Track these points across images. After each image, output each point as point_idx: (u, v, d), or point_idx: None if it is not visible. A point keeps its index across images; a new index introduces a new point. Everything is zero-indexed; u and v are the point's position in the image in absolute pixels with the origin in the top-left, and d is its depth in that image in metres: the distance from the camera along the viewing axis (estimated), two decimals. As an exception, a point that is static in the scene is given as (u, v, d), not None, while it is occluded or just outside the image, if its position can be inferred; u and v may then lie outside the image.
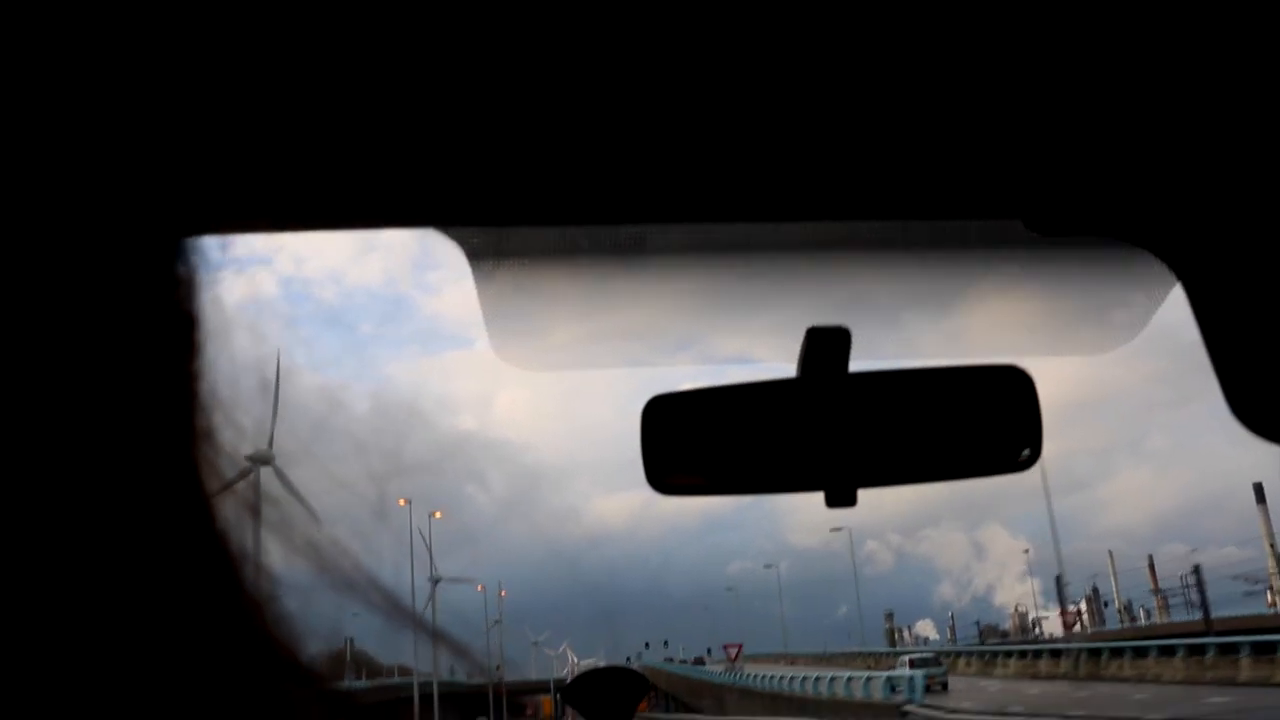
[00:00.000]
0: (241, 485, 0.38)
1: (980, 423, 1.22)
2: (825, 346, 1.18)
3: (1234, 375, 1.08)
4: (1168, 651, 27.52)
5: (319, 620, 0.38)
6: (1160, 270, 1.13)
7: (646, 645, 71.65)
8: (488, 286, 1.17)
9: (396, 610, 0.43)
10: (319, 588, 0.40)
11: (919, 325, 1.31)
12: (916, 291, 1.29)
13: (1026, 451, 1.21)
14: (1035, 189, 1.07)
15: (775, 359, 1.30)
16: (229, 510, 0.37)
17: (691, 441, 1.26)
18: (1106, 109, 0.94)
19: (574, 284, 1.22)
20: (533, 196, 1.03)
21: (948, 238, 1.21)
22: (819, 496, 1.25)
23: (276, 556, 0.38)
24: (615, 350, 1.32)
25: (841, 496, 1.23)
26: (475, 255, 1.15)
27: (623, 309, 1.29)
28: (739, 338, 1.36)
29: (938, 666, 35.24)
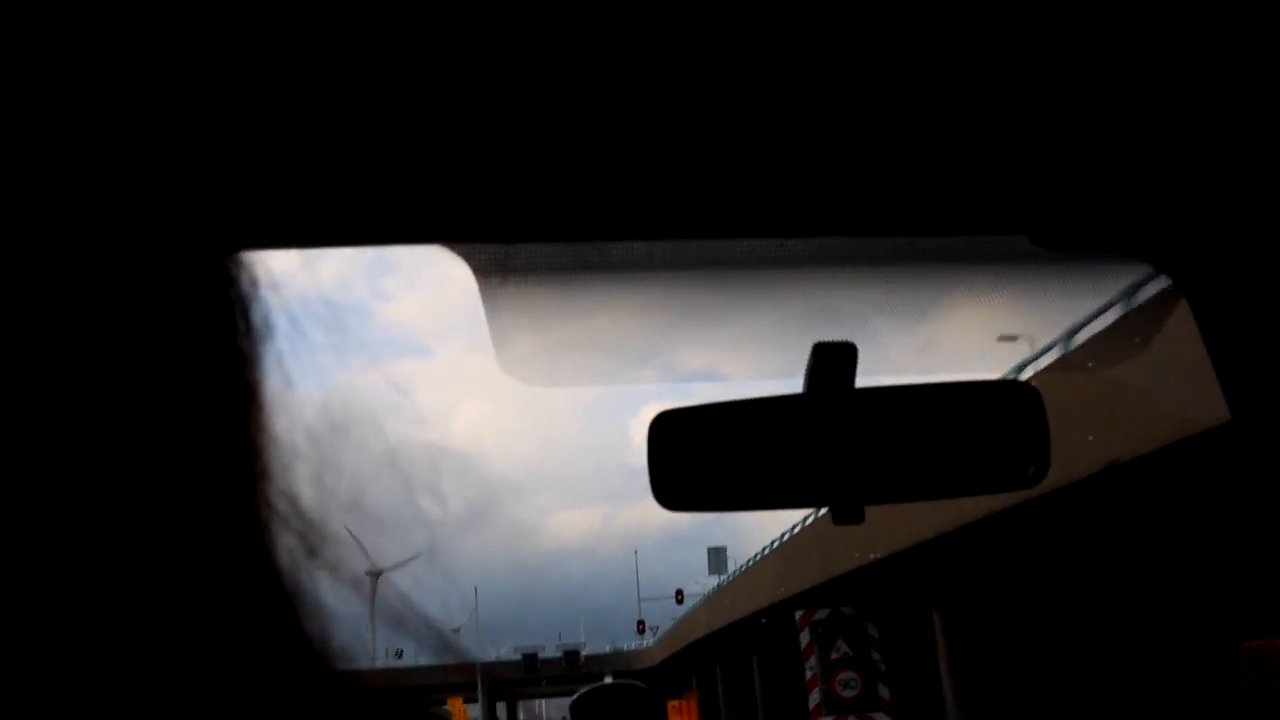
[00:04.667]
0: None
1: (987, 439, 1.23)
2: (832, 362, 1.18)
3: (1240, 394, 1.09)
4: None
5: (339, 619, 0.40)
6: (1166, 286, 1.14)
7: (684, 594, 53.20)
8: (494, 303, 1.16)
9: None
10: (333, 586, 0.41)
11: (926, 340, 1.32)
12: (920, 306, 1.29)
13: (1033, 468, 1.21)
14: (1041, 204, 1.07)
15: (777, 375, 1.30)
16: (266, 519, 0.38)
17: (699, 457, 1.25)
18: (1113, 123, 0.95)
19: (580, 300, 1.22)
20: (539, 213, 1.02)
21: (958, 253, 1.22)
22: (783, 514, 1.25)
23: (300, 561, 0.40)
24: (619, 366, 1.31)
25: (849, 513, 1.23)
26: (482, 271, 1.14)
27: (626, 324, 1.28)
28: (739, 352, 1.36)
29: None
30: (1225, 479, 7.42)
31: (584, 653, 49.58)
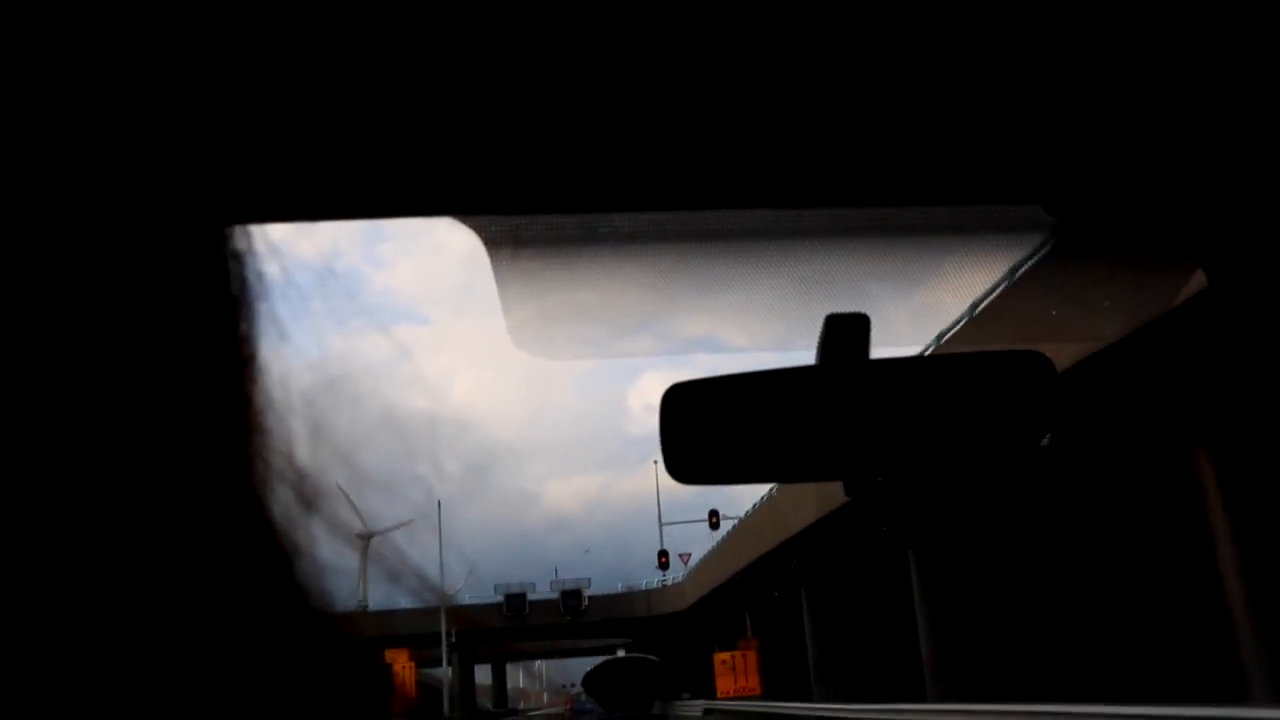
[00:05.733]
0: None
1: (1001, 408, 1.22)
2: (845, 334, 1.17)
3: (1258, 361, 1.09)
4: None
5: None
6: (1184, 254, 1.13)
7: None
8: (505, 275, 1.16)
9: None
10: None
11: (931, 310, 1.31)
12: (926, 275, 1.28)
13: (1047, 437, 1.21)
14: (1057, 173, 1.07)
15: (789, 348, 1.30)
16: (265, 475, 0.39)
17: (711, 429, 1.25)
18: (1129, 91, 0.94)
19: (591, 272, 1.22)
20: (551, 184, 1.03)
21: (966, 223, 1.21)
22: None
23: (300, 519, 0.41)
24: (628, 337, 1.32)
25: (861, 485, 1.23)
26: (493, 243, 1.14)
27: (635, 296, 1.28)
28: (742, 323, 1.36)
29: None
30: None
31: (588, 593, 35.68)
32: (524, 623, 33.67)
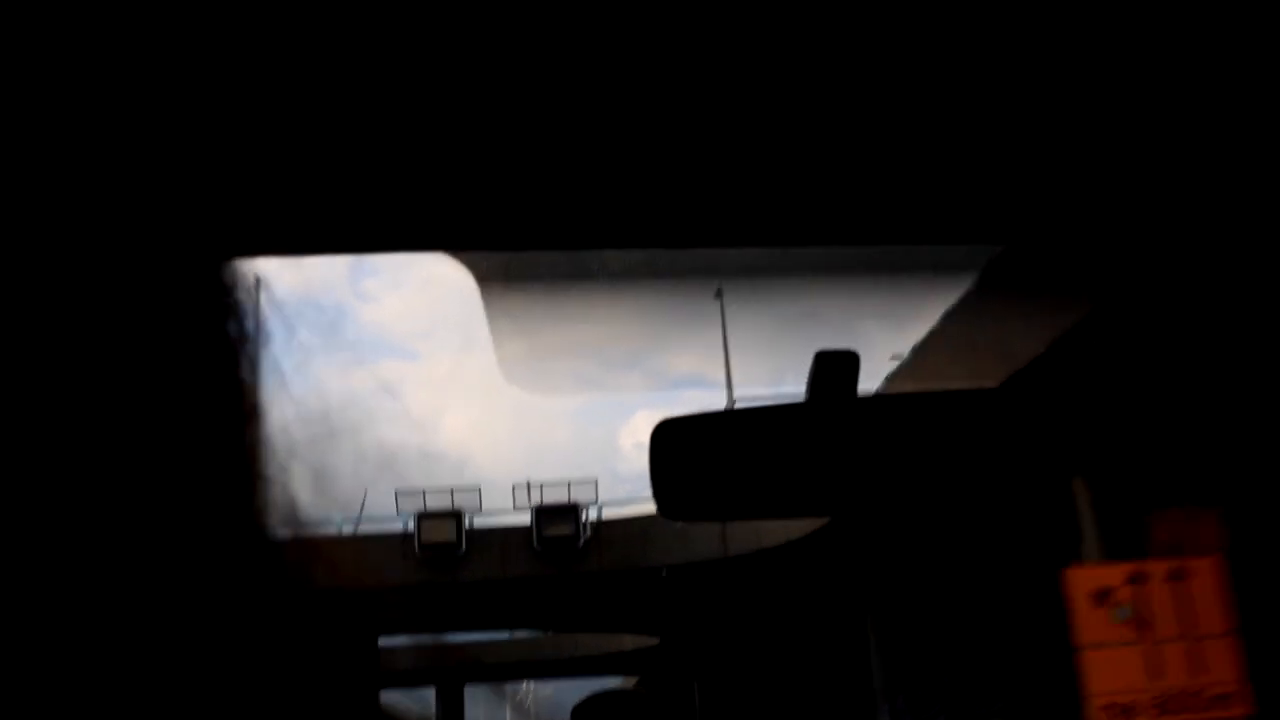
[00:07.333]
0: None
1: (990, 443, 1.23)
2: (834, 371, 1.18)
3: (1221, 381, 1.10)
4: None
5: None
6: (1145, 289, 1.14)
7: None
8: (496, 311, 1.17)
9: None
10: None
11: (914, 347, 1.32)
12: (910, 314, 1.29)
13: (1039, 467, 1.21)
14: (1022, 214, 1.08)
15: (778, 383, 1.30)
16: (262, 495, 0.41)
17: (701, 466, 1.25)
18: (1088, 139, 0.96)
19: (581, 308, 1.23)
20: (543, 221, 1.03)
21: (947, 262, 1.22)
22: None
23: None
24: (618, 373, 1.32)
25: (853, 521, 1.24)
26: (485, 279, 1.15)
27: (626, 331, 1.29)
28: (740, 360, 1.37)
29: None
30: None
31: (590, 517, 15.87)
32: (457, 576, 14.92)
